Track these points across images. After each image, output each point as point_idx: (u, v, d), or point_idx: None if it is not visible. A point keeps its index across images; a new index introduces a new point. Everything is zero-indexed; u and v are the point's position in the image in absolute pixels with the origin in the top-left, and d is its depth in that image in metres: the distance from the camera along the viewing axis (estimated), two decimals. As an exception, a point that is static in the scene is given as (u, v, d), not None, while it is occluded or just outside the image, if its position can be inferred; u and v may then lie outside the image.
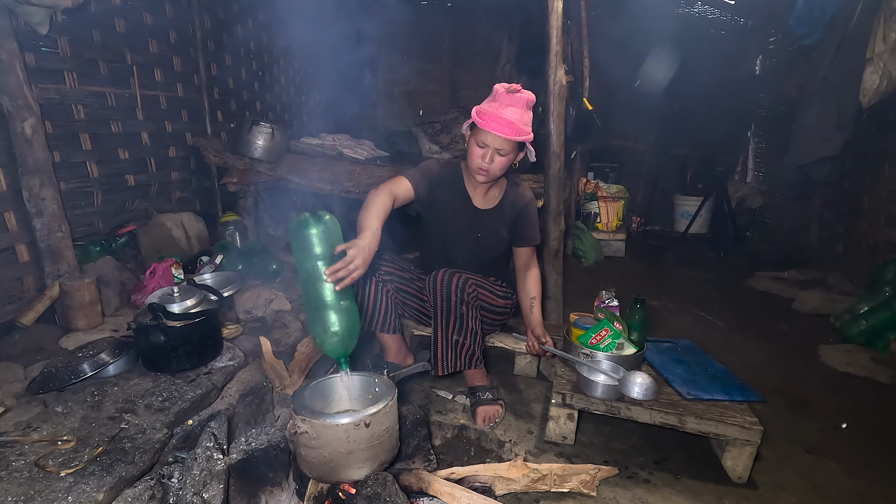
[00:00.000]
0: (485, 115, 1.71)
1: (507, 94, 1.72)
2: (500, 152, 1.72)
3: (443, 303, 1.80)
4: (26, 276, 2.17)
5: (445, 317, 1.82)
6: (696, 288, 3.75)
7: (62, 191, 2.26)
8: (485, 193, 1.96)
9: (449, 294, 1.79)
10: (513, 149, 1.74)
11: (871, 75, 2.95)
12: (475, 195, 1.96)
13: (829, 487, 1.68)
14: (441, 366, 1.86)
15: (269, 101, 4.33)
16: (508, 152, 1.73)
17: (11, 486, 1.16)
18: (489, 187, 1.94)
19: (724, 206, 4.78)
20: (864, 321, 2.78)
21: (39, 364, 1.75)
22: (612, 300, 2.10)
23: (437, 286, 1.81)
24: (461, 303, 1.80)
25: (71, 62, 2.37)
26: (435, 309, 1.82)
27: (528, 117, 1.75)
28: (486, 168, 1.75)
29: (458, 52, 6.06)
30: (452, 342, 1.84)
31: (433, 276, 1.83)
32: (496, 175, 1.80)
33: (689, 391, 1.76)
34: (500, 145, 1.71)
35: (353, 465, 1.27)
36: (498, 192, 1.98)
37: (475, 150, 1.75)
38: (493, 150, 1.72)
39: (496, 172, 1.78)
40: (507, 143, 1.71)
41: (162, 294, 1.73)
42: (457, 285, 1.80)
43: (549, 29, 2.39)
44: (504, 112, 1.69)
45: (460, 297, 1.80)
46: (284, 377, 1.90)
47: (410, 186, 1.84)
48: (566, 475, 1.56)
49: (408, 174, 1.87)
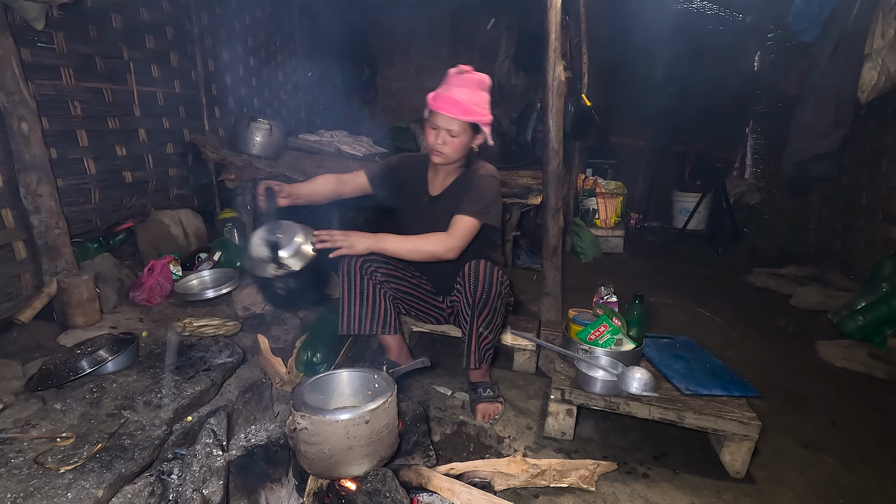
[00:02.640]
0: (436, 97, 1.74)
1: (456, 76, 1.75)
2: (450, 133, 1.73)
3: (483, 294, 1.76)
4: (24, 273, 2.16)
5: (481, 309, 1.78)
6: (695, 284, 3.75)
7: (59, 187, 2.25)
8: (442, 180, 1.94)
9: (490, 287, 1.76)
10: (464, 130, 1.74)
11: (870, 71, 2.95)
12: (433, 183, 1.96)
13: (826, 482, 1.69)
14: (474, 358, 1.84)
15: (267, 98, 4.31)
16: (460, 133, 1.73)
17: (11, 482, 1.16)
18: (447, 173, 1.92)
19: (723, 203, 4.78)
20: (862, 317, 2.78)
21: (38, 361, 1.75)
22: (611, 296, 2.10)
23: (479, 277, 1.76)
24: (498, 296, 1.78)
25: (67, 58, 2.36)
26: (473, 300, 1.77)
27: (479, 97, 1.75)
28: (440, 150, 1.76)
29: (457, 48, 6.03)
30: (477, 335, 1.81)
31: (475, 266, 1.78)
32: (451, 157, 1.79)
33: (688, 387, 1.77)
34: (448, 125, 1.72)
35: (352, 461, 1.27)
36: (454, 175, 1.94)
37: (429, 131, 1.78)
38: (444, 131, 1.73)
39: (450, 154, 1.77)
40: (456, 123, 1.71)
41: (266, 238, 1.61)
42: (498, 279, 1.78)
43: (548, 25, 2.38)
44: (452, 92, 1.72)
45: (499, 290, 1.78)
46: (283, 373, 1.90)
47: (366, 178, 1.98)
48: (565, 470, 1.56)
49: (366, 168, 2.01)
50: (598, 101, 3.56)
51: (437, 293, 2.10)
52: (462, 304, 1.81)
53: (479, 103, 1.76)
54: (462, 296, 1.80)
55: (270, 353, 1.96)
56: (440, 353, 2.42)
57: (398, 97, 6.26)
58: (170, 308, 2.39)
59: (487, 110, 1.78)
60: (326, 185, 1.96)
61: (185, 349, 1.88)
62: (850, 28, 3.13)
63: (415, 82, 6.18)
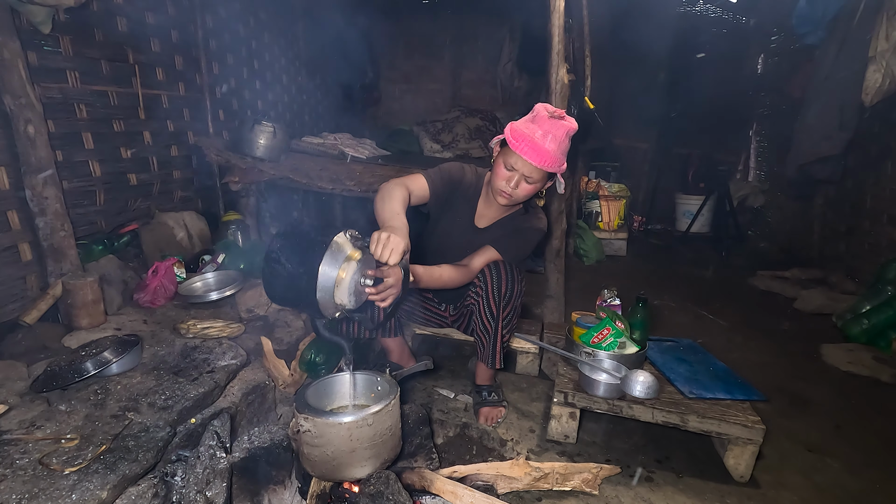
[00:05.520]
0: (520, 137, 1.55)
1: (549, 120, 1.56)
2: (527, 179, 1.59)
3: (507, 292, 1.74)
4: (29, 274, 2.17)
5: (504, 307, 1.76)
6: (698, 287, 3.75)
7: (65, 190, 2.26)
8: (493, 215, 1.84)
9: (513, 285, 1.74)
10: (542, 177, 1.61)
11: (874, 74, 2.94)
12: (482, 213, 1.84)
13: (831, 486, 1.68)
14: (499, 358, 1.83)
15: (271, 100, 4.33)
16: (537, 181, 1.60)
17: (16, 483, 1.17)
18: (501, 210, 1.81)
19: (726, 205, 4.77)
20: (867, 320, 2.77)
21: (43, 362, 1.76)
22: (614, 299, 2.10)
23: (502, 275, 1.73)
24: (520, 295, 1.78)
25: (73, 61, 2.37)
26: (497, 301, 1.75)
27: (565, 146, 1.60)
28: (510, 193, 1.62)
29: (460, 50, 6.05)
30: (501, 335, 1.81)
31: (495, 267, 1.73)
32: (519, 201, 1.69)
33: (692, 390, 1.76)
34: (529, 172, 1.57)
35: (355, 464, 1.28)
36: (505, 213, 1.84)
37: (501, 171, 1.61)
38: (521, 176, 1.59)
39: (519, 198, 1.66)
40: (538, 172, 1.57)
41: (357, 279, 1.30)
42: (518, 277, 1.76)
43: (551, 27, 2.38)
44: (543, 140, 1.54)
45: (521, 289, 1.77)
46: (286, 376, 1.90)
47: (426, 186, 1.71)
48: (568, 474, 1.56)
49: (427, 173, 1.73)
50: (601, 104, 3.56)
51: (438, 302, 2.10)
52: (482, 304, 1.78)
53: (563, 153, 1.61)
54: (483, 296, 1.77)
55: (274, 356, 1.96)
56: (443, 355, 2.42)
57: (401, 100, 6.27)
58: (173, 310, 2.40)
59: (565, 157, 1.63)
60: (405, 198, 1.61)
61: (188, 351, 1.88)
62: (854, 31, 3.13)
63: (418, 85, 6.20)
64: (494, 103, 5.88)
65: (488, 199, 1.79)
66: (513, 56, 5.57)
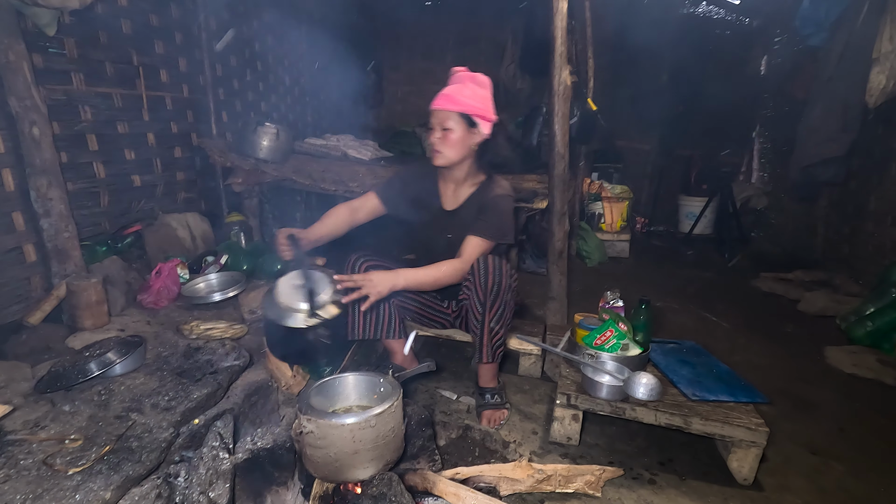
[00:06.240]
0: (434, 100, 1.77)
1: (454, 76, 1.81)
2: (443, 126, 1.73)
3: (494, 286, 1.74)
4: (34, 275, 2.18)
5: (492, 302, 1.76)
6: (701, 289, 3.74)
7: (69, 191, 2.28)
8: (454, 191, 1.92)
9: (501, 279, 1.74)
10: (458, 123, 1.74)
11: (878, 75, 2.93)
12: (446, 195, 1.94)
13: (835, 489, 1.67)
14: (486, 352, 1.83)
15: (274, 102, 4.34)
16: (453, 127, 1.73)
17: (20, 484, 1.17)
18: (459, 184, 1.90)
19: (729, 207, 4.76)
20: (871, 322, 2.76)
21: (47, 363, 1.77)
22: (617, 301, 2.10)
23: (489, 269, 1.74)
24: (508, 289, 1.77)
25: (78, 63, 2.38)
26: (484, 293, 1.75)
27: (470, 90, 1.75)
28: (439, 148, 1.76)
29: (463, 52, 6.05)
30: (489, 329, 1.80)
31: (483, 260, 1.76)
32: (451, 157, 1.78)
33: (695, 392, 1.76)
34: (440, 119, 1.73)
35: (358, 465, 1.28)
36: (468, 189, 1.91)
37: (430, 134, 1.80)
38: (438, 128, 1.74)
39: (449, 153, 1.77)
40: (450, 116, 1.72)
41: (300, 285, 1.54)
42: (507, 272, 1.77)
43: (554, 29, 2.39)
44: (449, 90, 1.75)
45: (509, 283, 1.77)
46: (289, 377, 1.90)
47: (377, 200, 1.93)
48: (571, 476, 1.55)
49: (376, 188, 1.96)
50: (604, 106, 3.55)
51: (440, 298, 2.10)
52: (473, 299, 1.79)
53: (471, 96, 1.75)
54: (472, 290, 1.78)
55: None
56: (445, 357, 2.42)
57: (404, 101, 6.29)
58: (177, 311, 2.41)
59: (484, 105, 1.78)
60: (340, 218, 1.90)
61: (191, 352, 1.89)
62: (858, 32, 3.12)
63: (420, 87, 6.21)
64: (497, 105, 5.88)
65: (444, 180, 1.92)
66: (515, 58, 5.56)
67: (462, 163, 1.83)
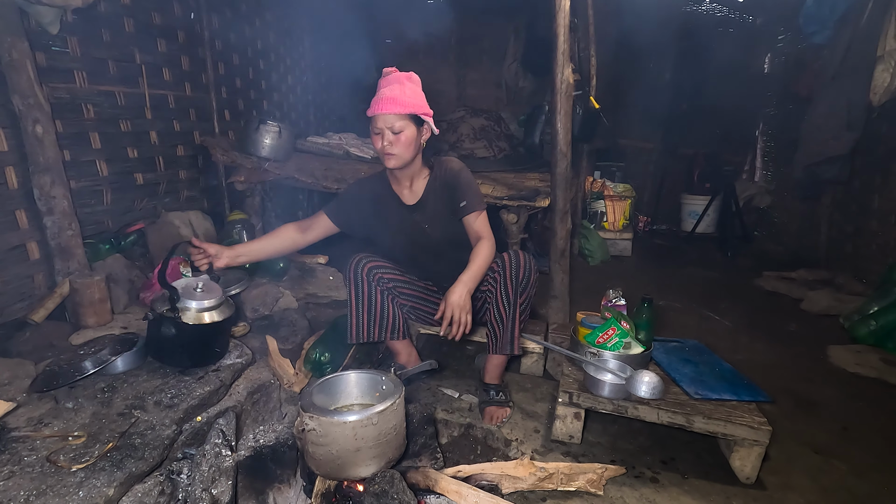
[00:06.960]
0: (371, 105, 1.74)
1: (382, 80, 1.78)
2: (393, 130, 1.71)
3: (524, 278, 1.78)
4: (37, 273, 2.19)
5: (520, 293, 1.80)
6: (704, 287, 3.73)
7: (72, 189, 2.28)
8: (411, 187, 1.91)
9: (530, 273, 1.79)
10: (406, 124, 1.72)
11: (882, 73, 2.92)
12: (403, 193, 1.93)
13: (837, 488, 1.67)
14: (517, 344, 1.86)
15: (277, 100, 4.34)
16: (402, 128, 1.72)
17: (24, 480, 1.18)
18: (413, 179, 1.90)
19: (732, 206, 4.75)
20: (874, 322, 2.75)
21: (49, 361, 1.77)
22: (619, 299, 2.09)
23: (521, 262, 1.77)
24: (534, 285, 1.83)
25: (81, 61, 2.38)
26: (515, 283, 1.78)
27: (409, 90, 1.75)
28: (389, 152, 1.74)
29: (465, 50, 6.05)
30: (519, 322, 1.84)
31: (514, 254, 1.80)
32: (404, 156, 1.76)
33: (697, 391, 1.76)
34: (389, 123, 1.70)
35: (360, 463, 1.28)
36: (423, 181, 1.92)
37: (374, 140, 1.77)
38: (387, 132, 1.72)
39: (401, 153, 1.75)
40: (396, 119, 1.70)
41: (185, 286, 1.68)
42: (534, 266, 1.80)
43: (556, 27, 2.38)
44: (382, 93, 1.73)
45: (535, 279, 1.82)
46: (291, 375, 1.91)
47: (328, 220, 1.93)
48: (573, 474, 1.55)
49: (325, 208, 1.94)
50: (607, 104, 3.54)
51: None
52: (499, 290, 1.80)
53: (412, 94, 1.75)
54: (501, 282, 1.79)
55: (279, 355, 1.97)
56: (447, 355, 2.42)
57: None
58: (179, 309, 2.41)
59: (424, 101, 1.78)
60: (286, 238, 1.91)
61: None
62: (863, 30, 3.11)
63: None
64: (499, 103, 5.87)
65: (397, 181, 1.91)
66: (518, 56, 5.56)
67: (414, 160, 1.84)
